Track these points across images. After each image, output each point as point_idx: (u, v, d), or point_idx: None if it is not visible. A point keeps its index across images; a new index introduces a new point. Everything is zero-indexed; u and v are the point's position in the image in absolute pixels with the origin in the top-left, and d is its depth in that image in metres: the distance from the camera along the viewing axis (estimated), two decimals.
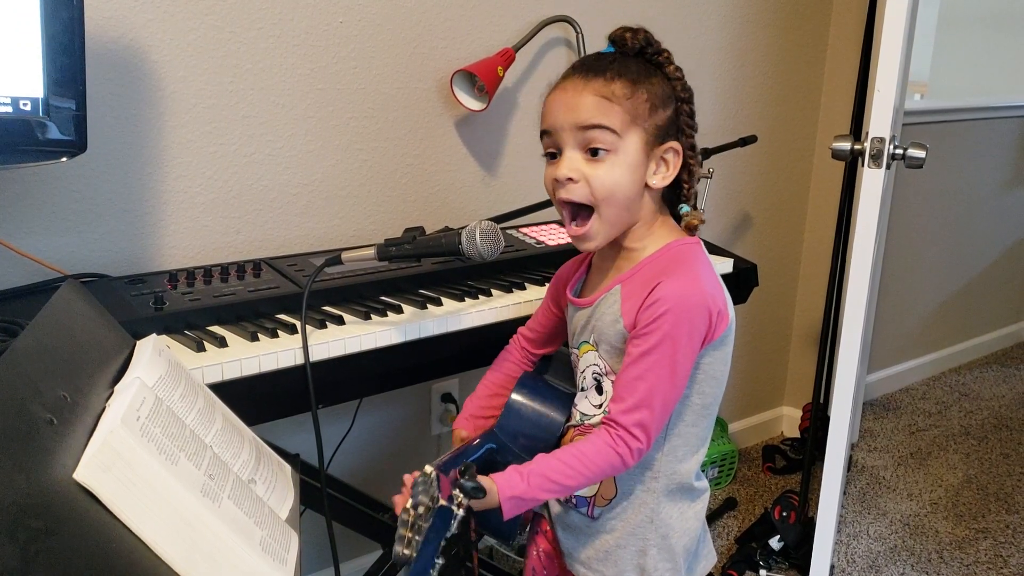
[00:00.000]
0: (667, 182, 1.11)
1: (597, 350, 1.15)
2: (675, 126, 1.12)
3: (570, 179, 1.08)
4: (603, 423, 1.09)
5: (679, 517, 1.16)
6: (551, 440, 1.19)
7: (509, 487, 1.05)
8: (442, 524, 0.86)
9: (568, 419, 1.22)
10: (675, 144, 1.11)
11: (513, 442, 1.18)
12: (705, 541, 1.25)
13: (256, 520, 0.90)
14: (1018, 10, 3.88)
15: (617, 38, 1.14)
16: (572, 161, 1.08)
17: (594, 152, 1.07)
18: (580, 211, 1.10)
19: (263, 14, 1.62)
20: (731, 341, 1.14)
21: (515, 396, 1.22)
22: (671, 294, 1.05)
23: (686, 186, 1.13)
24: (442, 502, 0.87)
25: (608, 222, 1.10)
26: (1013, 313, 4.06)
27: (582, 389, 1.20)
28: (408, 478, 1.05)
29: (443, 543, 0.86)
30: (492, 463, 1.15)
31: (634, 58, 1.13)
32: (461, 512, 0.89)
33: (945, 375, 3.66)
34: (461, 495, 0.90)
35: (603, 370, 1.15)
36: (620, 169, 1.07)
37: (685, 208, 1.14)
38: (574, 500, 1.20)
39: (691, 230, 1.15)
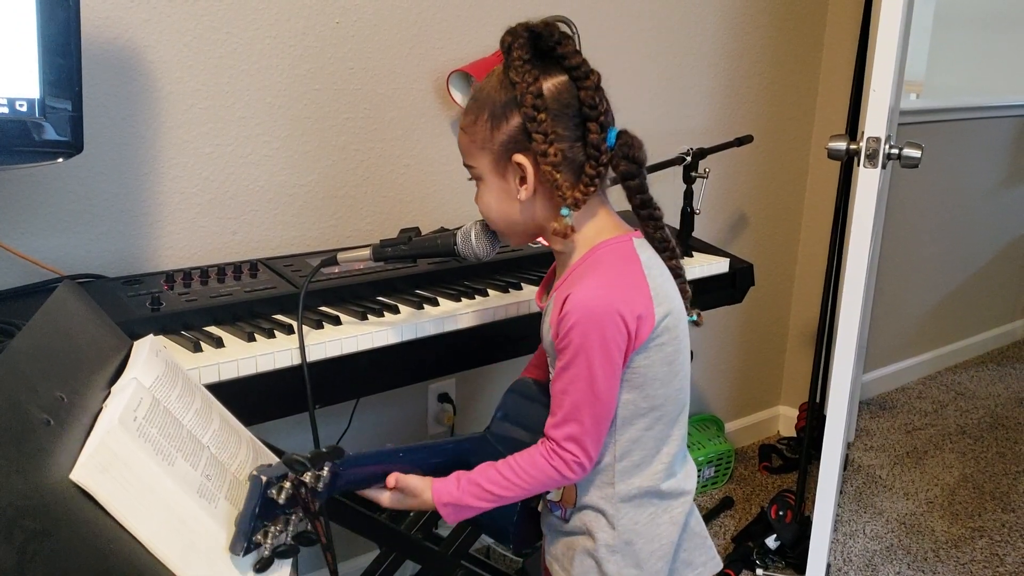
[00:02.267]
0: (529, 194, 1.09)
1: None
2: (524, 135, 1.06)
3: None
4: (543, 436, 1.10)
5: (647, 523, 1.13)
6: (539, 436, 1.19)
7: (445, 493, 1.08)
8: (252, 492, 0.89)
9: None
10: (518, 156, 1.07)
11: (503, 444, 1.17)
12: (696, 548, 1.19)
13: None
14: (1013, 10, 3.89)
15: None
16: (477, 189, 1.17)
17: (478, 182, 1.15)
18: None
19: (260, 15, 1.62)
20: (668, 341, 1.09)
21: (504, 400, 1.22)
22: (576, 305, 1.04)
23: (557, 193, 1.06)
24: (253, 472, 0.90)
25: (504, 234, 1.18)
26: (1009, 312, 4.07)
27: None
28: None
29: (256, 515, 0.88)
30: (465, 464, 1.15)
31: (503, 67, 1.10)
32: (288, 485, 0.91)
33: (941, 374, 3.67)
34: (288, 470, 0.93)
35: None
36: (487, 194, 1.14)
37: (563, 211, 1.07)
38: (549, 503, 1.20)
39: (556, 234, 1.08)
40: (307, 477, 0.93)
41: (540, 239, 1.17)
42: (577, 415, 1.05)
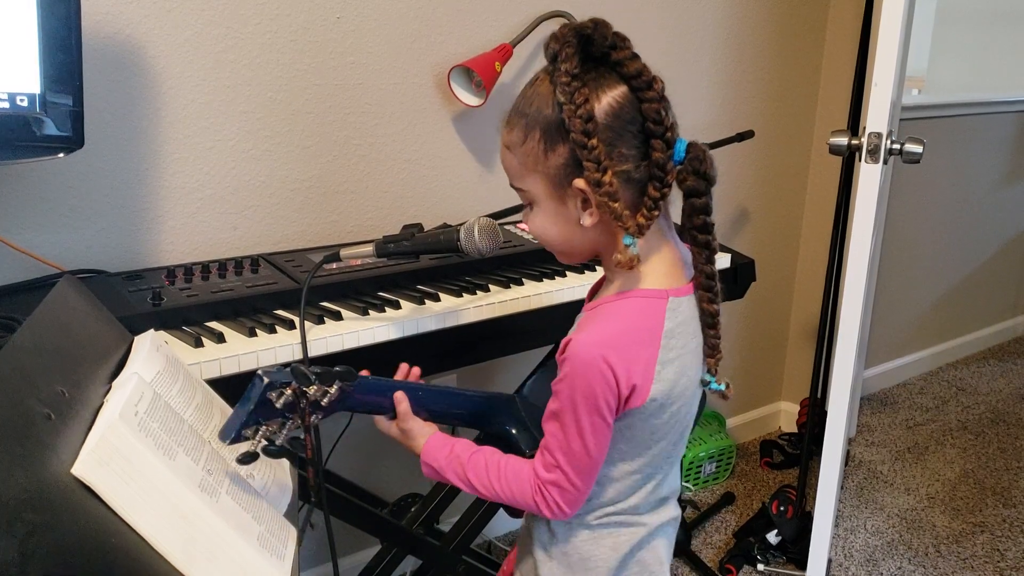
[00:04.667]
0: (595, 220, 0.97)
1: None
2: (577, 160, 0.95)
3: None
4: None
5: (586, 540, 1.08)
6: None
7: (432, 452, 1.07)
8: (251, 390, 0.89)
9: None
10: (578, 182, 0.95)
11: (528, 411, 1.15)
12: (650, 572, 1.12)
13: (254, 515, 0.90)
14: (1015, 5, 3.88)
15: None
16: (524, 213, 1.07)
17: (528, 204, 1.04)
18: None
19: (260, 9, 1.62)
20: (657, 415, 1.01)
21: (542, 368, 1.21)
22: (571, 355, 0.97)
23: (618, 223, 0.95)
24: (259, 371, 0.90)
25: (561, 255, 1.07)
26: (1010, 308, 4.07)
27: None
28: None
29: (252, 411, 0.89)
30: (486, 420, 1.15)
31: (549, 78, 0.98)
32: (288, 392, 0.91)
33: (942, 370, 3.67)
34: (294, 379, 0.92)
35: None
36: (541, 219, 1.02)
37: (626, 239, 0.96)
38: None
39: (621, 266, 0.98)
40: (311, 390, 0.93)
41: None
42: (561, 465, 1.00)
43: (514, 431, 1.14)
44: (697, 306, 1.05)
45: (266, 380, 0.89)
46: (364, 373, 1.06)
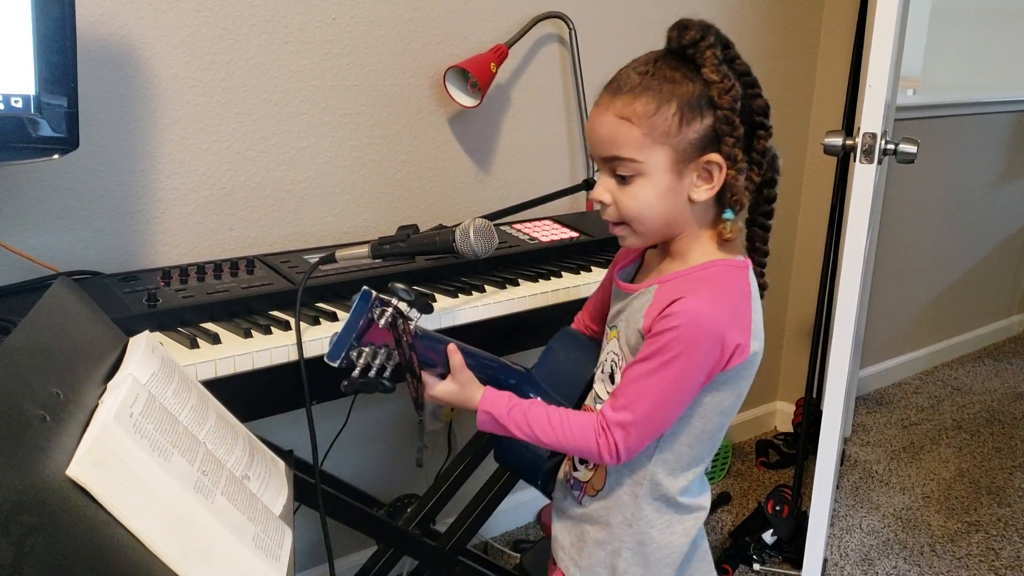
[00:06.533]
0: (711, 194, 1.06)
1: (619, 339, 1.14)
2: (715, 134, 1.04)
3: (601, 202, 1.10)
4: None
5: (662, 529, 1.14)
6: (579, 385, 1.22)
7: (491, 402, 1.11)
8: (359, 306, 0.93)
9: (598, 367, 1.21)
10: (715, 156, 1.04)
11: (547, 380, 1.20)
12: (700, 560, 1.20)
13: (250, 516, 0.90)
14: (1010, 5, 3.88)
15: (667, 35, 1.09)
16: (603, 185, 1.09)
17: (622, 177, 1.06)
18: (617, 223, 1.11)
19: (255, 10, 1.62)
20: (748, 376, 1.10)
21: (553, 343, 1.26)
22: (686, 312, 1.02)
23: (729, 195, 1.05)
24: (365, 288, 0.95)
25: (643, 235, 1.11)
26: (1005, 308, 4.08)
27: (601, 372, 1.18)
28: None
29: (360, 324, 0.94)
30: (503, 384, 1.18)
31: (678, 59, 1.06)
32: (390, 310, 0.96)
33: (938, 369, 3.68)
34: (396, 297, 0.98)
35: (619, 360, 1.13)
36: (647, 191, 1.06)
37: (727, 214, 1.07)
38: (571, 480, 1.21)
39: (723, 240, 1.09)
40: (405, 309, 0.97)
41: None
42: (637, 407, 1.04)
43: (533, 395, 1.18)
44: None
45: (373, 294, 0.93)
46: None
